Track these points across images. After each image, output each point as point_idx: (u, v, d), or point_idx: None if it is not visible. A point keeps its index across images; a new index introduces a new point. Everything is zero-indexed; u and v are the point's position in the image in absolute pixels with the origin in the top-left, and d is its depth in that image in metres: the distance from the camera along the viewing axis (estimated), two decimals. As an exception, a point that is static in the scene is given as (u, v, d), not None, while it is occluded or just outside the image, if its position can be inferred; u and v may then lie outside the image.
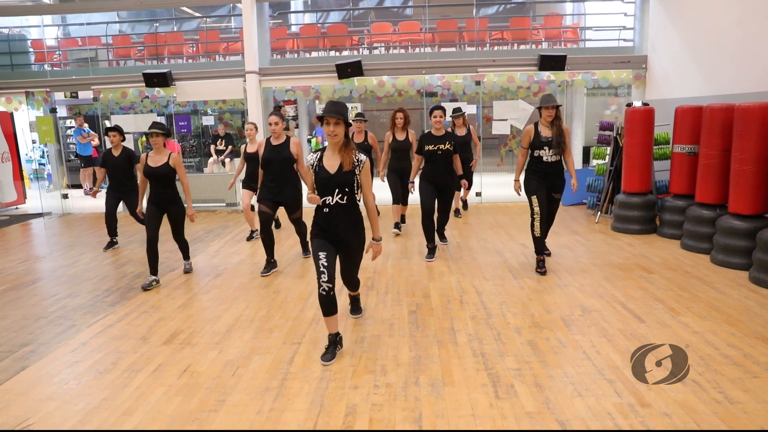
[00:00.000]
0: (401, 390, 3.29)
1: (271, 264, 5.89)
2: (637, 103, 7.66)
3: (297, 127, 13.16)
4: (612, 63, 9.96)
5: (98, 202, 11.30)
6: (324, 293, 3.58)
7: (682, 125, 6.75)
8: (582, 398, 3.13)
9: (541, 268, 5.55)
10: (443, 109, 6.08)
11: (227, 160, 12.59)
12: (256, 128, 7.26)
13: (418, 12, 13.49)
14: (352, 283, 4.15)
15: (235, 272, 6.02)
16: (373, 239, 3.77)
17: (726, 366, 3.47)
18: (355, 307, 4.55)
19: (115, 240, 7.43)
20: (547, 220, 5.68)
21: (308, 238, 3.93)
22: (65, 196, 10.66)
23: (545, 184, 5.50)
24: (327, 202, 3.61)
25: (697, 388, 3.20)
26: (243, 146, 7.29)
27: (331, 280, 3.58)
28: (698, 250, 6.15)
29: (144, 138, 15.18)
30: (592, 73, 10.08)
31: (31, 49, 12.23)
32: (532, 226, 5.53)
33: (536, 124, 5.49)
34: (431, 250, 6.25)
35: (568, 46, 11.29)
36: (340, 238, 3.68)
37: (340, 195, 3.59)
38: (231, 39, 12.29)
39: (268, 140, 5.77)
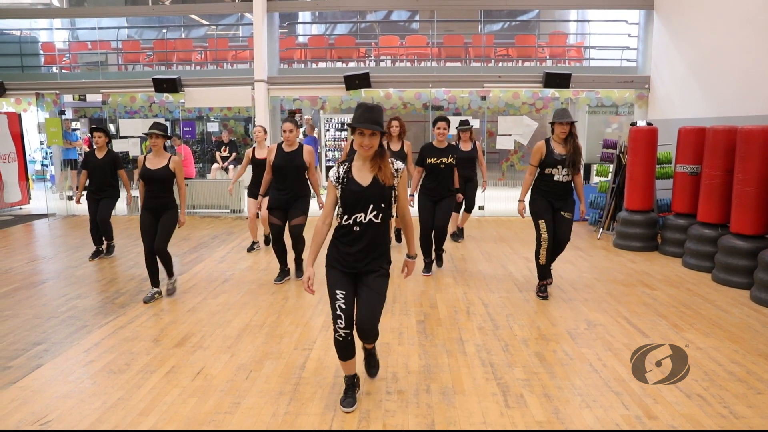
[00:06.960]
0: (413, 397, 3.36)
1: (284, 272, 5.94)
2: (641, 123, 7.80)
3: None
4: (615, 82, 10.14)
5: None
6: (341, 339, 3.10)
7: (685, 145, 6.88)
8: (590, 409, 3.20)
9: (542, 293, 5.27)
10: (448, 121, 5.97)
11: (231, 167, 12.68)
12: (265, 131, 7.16)
13: (425, 26, 13.69)
14: (370, 334, 3.17)
15: (242, 278, 6.07)
16: (408, 256, 3.32)
17: (730, 382, 3.55)
18: (371, 363, 3.60)
19: (101, 249, 7.04)
20: (559, 244, 5.21)
21: (327, 265, 3.23)
22: (70, 198, 10.69)
23: (554, 205, 5.11)
24: (358, 220, 3.04)
25: (703, 403, 3.28)
26: (250, 150, 6.94)
27: (349, 325, 3.08)
28: (700, 269, 6.25)
29: (148, 142, 15.35)
30: (596, 91, 10.25)
31: (41, 52, 12.33)
32: (537, 252, 5.17)
33: (548, 141, 5.08)
34: (428, 265, 6.17)
35: (572, 64, 11.47)
36: (362, 271, 3.12)
37: (374, 212, 3.04)
38: (239, 47, 12.42)
39: (279, 146, 5.62)
